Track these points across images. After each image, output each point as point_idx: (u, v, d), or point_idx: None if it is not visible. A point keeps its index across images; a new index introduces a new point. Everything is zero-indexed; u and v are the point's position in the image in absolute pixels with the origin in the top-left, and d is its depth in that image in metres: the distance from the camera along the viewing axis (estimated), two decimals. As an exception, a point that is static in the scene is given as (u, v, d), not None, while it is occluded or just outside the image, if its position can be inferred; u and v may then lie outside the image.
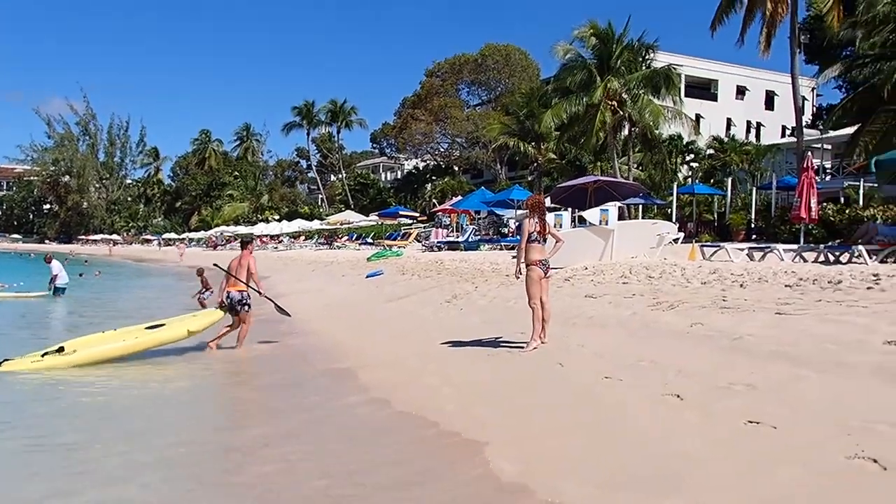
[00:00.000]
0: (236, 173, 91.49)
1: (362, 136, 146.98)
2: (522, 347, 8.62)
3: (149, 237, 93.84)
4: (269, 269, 32.28)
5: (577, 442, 5.26)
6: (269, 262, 37.06)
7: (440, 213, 41.38)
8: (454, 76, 65.31)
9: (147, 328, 10.85)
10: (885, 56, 25.42)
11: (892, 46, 25.53)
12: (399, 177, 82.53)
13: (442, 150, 68.04)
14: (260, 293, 11.63)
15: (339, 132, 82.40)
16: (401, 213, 50.65)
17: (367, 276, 21.30)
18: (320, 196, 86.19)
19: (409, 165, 78.52)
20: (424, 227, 44.15)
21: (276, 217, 73.84)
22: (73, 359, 9.70)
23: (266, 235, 61.69)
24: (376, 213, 56.68)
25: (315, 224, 61.61)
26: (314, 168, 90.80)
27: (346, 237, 51.15)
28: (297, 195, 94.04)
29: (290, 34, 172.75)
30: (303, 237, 57.93)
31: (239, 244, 12.25)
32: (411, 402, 7.03)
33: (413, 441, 5.98)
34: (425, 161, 71.62)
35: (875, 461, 4.20)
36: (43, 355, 9.71)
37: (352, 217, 56.88)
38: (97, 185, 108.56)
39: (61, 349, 9.75)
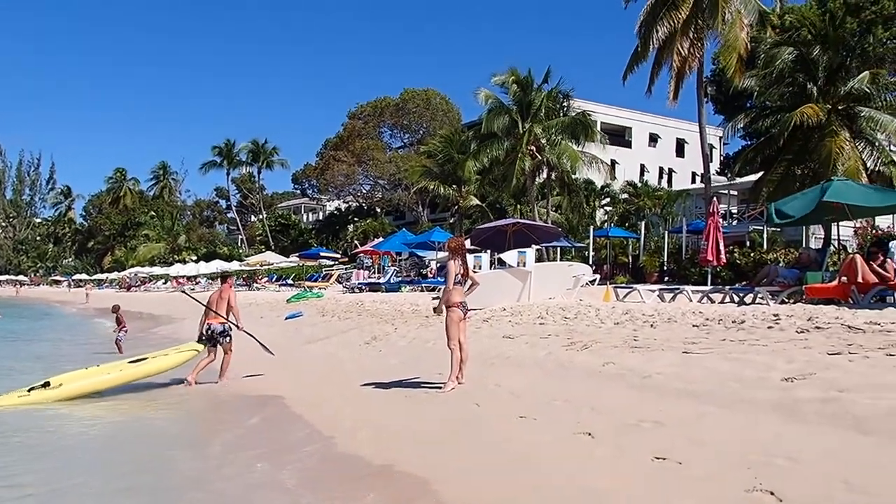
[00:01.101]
0: (152, 213, 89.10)
1: (284, 177, 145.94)
2: (440, 388, 8.66)
3: (58, 278, 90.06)
4: (185, 311, 31.45)
5: (490, 481, 5.30)
6: (184, 304, 36.09)
7: (362, 254, 41.24)
8: (376, 118, 65.70)
9: (130, 362, 11.18)
10: (782, 108, 26.99)
11: (789, 99, 27.16)
12: (321, 218, 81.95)
13: (364, 191, 68.07)
14: (239, 328, 11.56)
15: (259, 172, 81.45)
16: (322, 254, 50.19)
17: (287, 318, 21.02)
18: (240, 237, 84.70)
19: (330, 206, 78.14)
20: (346, 269, 43.88)
21: (194, 258, 72.06)
22: (59, 393, 9.96)
23: (182, 277, 60.08)
24: (297, 254, 56.03)
25: (234, 265, 60.39)
26: (234, 208, 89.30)
27: (265, 278, 50.32)
28: (216, 235, 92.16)
29: (210, 72, 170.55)
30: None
31: (219, 279, 12.58)
32: (342, 445, 6.93)
33: (336, 481, 5.94)
34: (347, 202, 71.43)
35: (772, 493, 4.39)
36: (29, 390, 9.93)
37: (272, 258, 56.01)
38: (3, 224, 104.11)
39: (47, 384, 9.98)
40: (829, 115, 25.15)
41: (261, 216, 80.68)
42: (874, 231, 24.56)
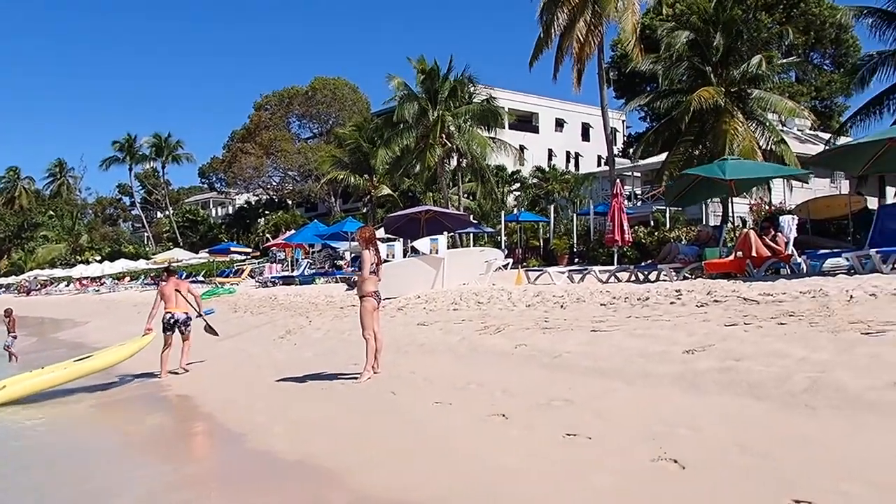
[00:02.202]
0: (51, 213, 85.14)
1: (190, 171, 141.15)
2: (356, 378, 8.66)
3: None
4: (88, 313, 30.34)
5: (406, 468, 5.35)
6: (89, 307, 34.83)
7: (274, 247, 40.62)
8: (284, 109, 64.61)
9: (76, 360, 11.07)
10: (680, 91, 27.95)
11: (688, 82, 28.16)
12: (230, 212, 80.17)
13: (274, 183, 66.89)
14: (199, 314, 11.95)
15: (164, 167, 78.93)
16: (232, 248, 49.10)
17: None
18: (146, 234, 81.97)
19: (240, 200, 76.49)
20: (258, 263, 43.12)
21: (98, 258, 69.28)
22: (5, 394, 9.86)
23: (86, 278, 57.75)
24: (207, 249, 54.68)
25: (141, 264, 58.43)
26: (138, 205, 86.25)
27: (174, 277, 48.85)
28: (121, 234, 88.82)
29: (108, 62, 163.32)
30: (127, 278, 54.75)
31: (165, 272, 12.74)
32: (253, 441, 6.85)
33: (250, 478, 5.87)
34: (257, 195, 70.10)
35: (675, 461, 4.60)
36: None
37: (180, 255, 54.44)
38: None
39: None
40: (724, 98, 26.19)
41: (167, 212, 78.32)
42: (768, 207, 25.75)
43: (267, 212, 66.23)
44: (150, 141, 75.89)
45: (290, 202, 67.61)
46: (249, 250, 49.38)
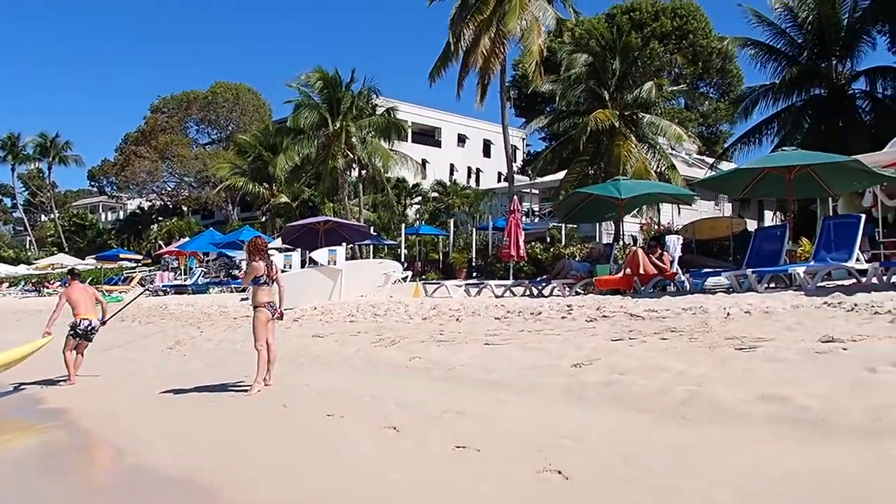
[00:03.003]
0: (-80, 214, 79.75)
1: (79, 174, 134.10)
2: (247, 391, 8.50)
3: None
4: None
5: (293, 483, 5.26)
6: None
7: (166, 255, 39.31)
8: (182, 113, 62.82)
9: None
10: (578, 112, 28.88)
11: (585, 104, 29.12)
12: (121, 217, 77.07)
13: (169, 189, 64.81)
14: (105, 322, 11.30)
15: (50, 168, 75.13)
16: (122, 255, 47.31)
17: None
18: (28, 238, 77.72)
19: (132, 205, 73.67)
20: (149, 271, 41.62)
21: (-29, 262, 65.19)
22: None
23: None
24: (94, 255, 52.38)
25: (21, 269, 55.33)
26: (21, 207, 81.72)
27: (58, 283, 46.56)
28: (1, 237, 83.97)
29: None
30: (6, 284, 51.76)
31: (69, 275, 12.08)
32: (135, 456, 6.57)
33: (128, 496, 5.65)
34: (150, 201, 67.71)
35: (559, 472, 4.71)
36: None
37: (66, 260, 51.85)
38: None
39: None
40: (619, 120, 27.20)
41: (52, 215, 74.51)
42: (657, 227, 26.86)
43: (160, 218, 64.01)
44: (35, 140, 72.07)
45: (185, 209, 65.58)
46: (140, 257, 47.64)
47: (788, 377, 5.73)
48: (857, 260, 11.23)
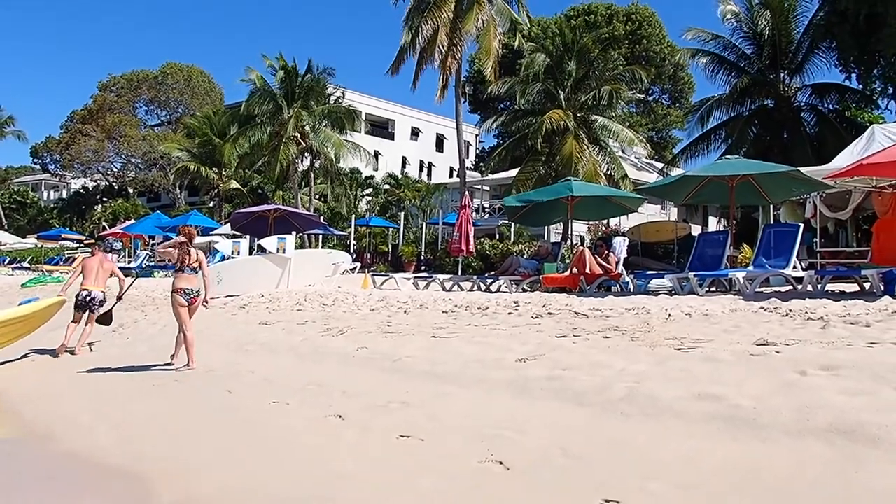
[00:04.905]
0: None
1: (21, 150, 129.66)
2: (174, 370, 8.77)
3: None
4: None
5: (234, 470, 5.25)
6: None
7: (111, 237, 38.47)
8: (131, 92, 61.45)
9: None
10: (534, 111, 29.15)
11: (540, 104, 29.41)
12: (64, 196, 75.05)
13: (115, 169, 63.34)
14: (121, 297, 11.53)
15: (-9, 143, 72.74)
16: (64, 235, 46.07)
17: (20, 304, 19.07)
18: (-36, 214, 75.25)
19: (76, 185, 71.80)
20: (91, 252, 40.59)
21: None
22: None
23: None
24: (35, 234, 50.96)
25: (-43, 245, 53.56)
26: (-44, 183, 79.05)
27: (-3, 261, 45.20)
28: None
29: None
30: (-62, 261, 50.03)
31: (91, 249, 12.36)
32: (70, 442, 6.45)
33: (77, 482, 5.55)
34: (95, 181, 66.10)
35: (501, 463, 4.82)
36: None
37: (5, 238, 50.40)
38: None
39: None
40: (572, 122, 27.55)
41: (-8, 192, 72.24)
42: (604, 228, 27.31)
43: (105, 199, 62.58)
44: (-26, 115, 69.66)
45: (131, 190, 64.21)
46: (83, 238, 46.50)
47: (724, 377, 5.94)
48: (795, 267, 11.62)
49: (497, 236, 29.74)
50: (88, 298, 11.10)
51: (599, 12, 49.16)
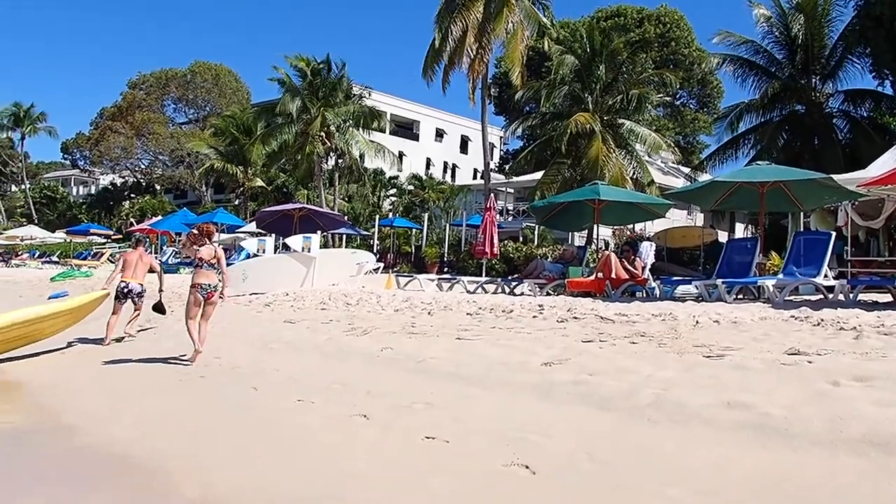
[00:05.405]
0: None
1: (52, 146, 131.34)
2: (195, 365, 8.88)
3: None
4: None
5: (256, 467, 5.24)
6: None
7: (137, 232, 38.88)
8: (160, 90, 62.05)
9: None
10: (560, 115, 29.02)
11: (566, 107, 29.27)
12: (93, 192, 75.95)
13: (143, 166, 64.01)
14: (163, 290, 12.25)
15: (23, 139, 73.62)
16: (93, 230, 46.60)
17: (50, 298, 19.34)
18: (-2, 207, 76.31)
19: (105, 180, 72.63)
20: (119, 247, 41.11)
21: (-64, 230, 63.76)
22: None
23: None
24: (64, 229, 51.61)
25: (-12, 238, 54.34)
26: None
27: (26, 254, 45.82)
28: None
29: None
30: (-27, 253, 50.82)
31: (133, 244, 13.21)
32: (90, 434, 6.49)
33: (95, 475, 5.58)
34: (123, 177, 66.84)
35: (526, 467, 4.79)
36: None
37: (35, 232, 51.08)
38: None
39: None
40: (598, 125, 27.38)
41: (23, 186, 73.17)
42: (630, 233, 27.09)
43: (133, 195, 63.20)
44: (9, 110, 70.57)
45: (158, 187, 64.84)
46: (111, 233, 47.03)
47: (754, 386, 5.85)
48: (825, 276, 11.45)
49: (521, 239, 29.64)
50: (126, 290, 11.63)
51: (630, 15, 48.80)
